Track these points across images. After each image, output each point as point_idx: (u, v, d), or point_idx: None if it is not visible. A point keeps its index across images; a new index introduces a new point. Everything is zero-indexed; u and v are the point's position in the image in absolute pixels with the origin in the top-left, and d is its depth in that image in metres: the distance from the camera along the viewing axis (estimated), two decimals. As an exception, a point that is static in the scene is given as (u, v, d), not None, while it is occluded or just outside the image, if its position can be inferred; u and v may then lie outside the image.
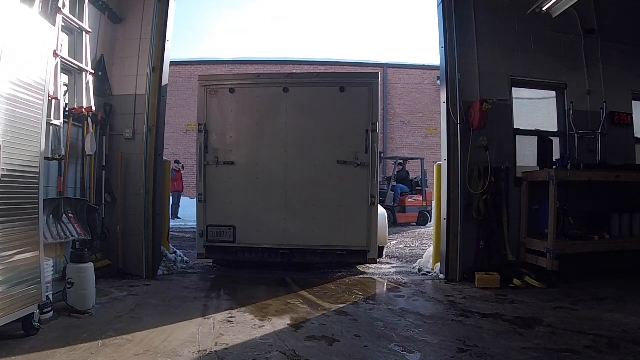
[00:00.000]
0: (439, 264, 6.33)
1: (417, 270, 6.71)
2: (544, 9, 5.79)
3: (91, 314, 4.29)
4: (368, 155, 6.54)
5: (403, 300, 5.09)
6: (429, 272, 6.47)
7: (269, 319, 4.27)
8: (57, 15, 4.41)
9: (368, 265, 6.96)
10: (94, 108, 5.12)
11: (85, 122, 5.11)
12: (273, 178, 6.76)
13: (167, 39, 6.31)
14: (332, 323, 4.17)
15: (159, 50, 6.18)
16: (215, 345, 3.59)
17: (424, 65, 20.79)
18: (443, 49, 6.31)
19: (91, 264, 4.45)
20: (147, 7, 6.22)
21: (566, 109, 6.52)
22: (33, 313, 3.67)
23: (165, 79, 6.26)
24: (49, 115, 4.09)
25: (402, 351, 3.52)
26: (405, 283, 5.94)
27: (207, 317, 4.35)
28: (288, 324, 4.13)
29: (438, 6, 6.48)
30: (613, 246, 5.98)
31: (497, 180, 6.01)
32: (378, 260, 7.06)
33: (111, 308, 4.54)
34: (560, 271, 5.53)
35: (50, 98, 3.99)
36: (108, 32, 5.98)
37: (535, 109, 6.78)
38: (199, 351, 3.45)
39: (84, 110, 4.90)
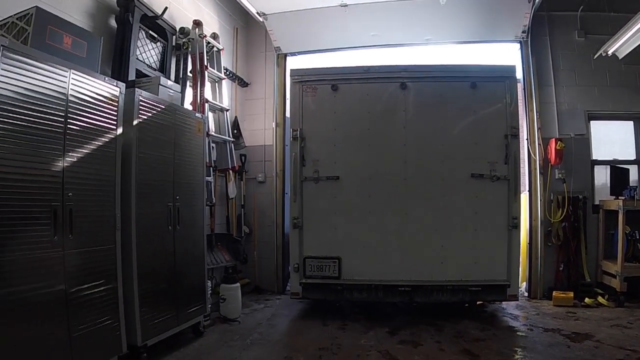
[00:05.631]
0: (525, 283, 7.23)
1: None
2: (609, 52, 6.50)
3: (239, 321, 5.84)
4: (508, 167, 5.73)
5: (485, 315, 6.13)
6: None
7: (373, 327, 5.57)
8: (205, 104, 6.08)
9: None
10: (236, 167, 6.85)
11: (227, 173, 6.79)
12: (390, 196, 5.85)
13: (286, 97, 7.63)
14: (421, 332, 5.39)
15: (280, 108, 7.81)
16: (332, 345, 5.02)
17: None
18: (523, 90, 7.19)
19: (238, 284, 6.09)
20: (268, 71, 7.95)
21: (643, 137, 7.11)
22: (200, 321, 5.30)
23: (287, 132, 7.41)
24: (207, 175, 5.79)
25: (466, 355, 4.63)
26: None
27: (326, 324, 5.76)
28: (386, 331, 5.42)
29: (519, 50, 7.32)
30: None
31: (575, 208, 6.95)
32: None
33: (253, 317, 6.15)
34: (633, 292, 6.25)
35: (207, 165, 5.62)
36: (239, 95, 7.75)
37: (613, 140, 7.34)
38: (319, 348, 4.90)
39: (229, 170, 6.59)
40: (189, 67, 5.98)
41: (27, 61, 3.27)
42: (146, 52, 5.35)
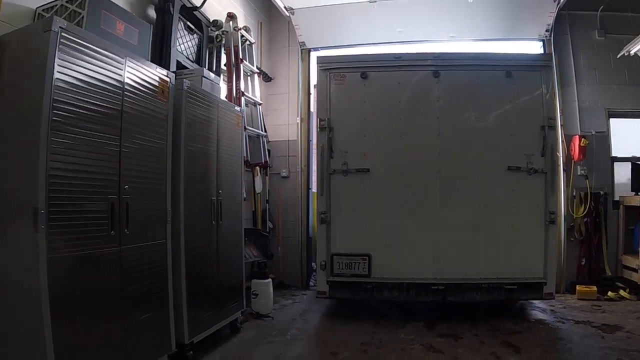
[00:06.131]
0: (548, 278, 7.06)
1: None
2: (631, 52, 6.36)
3: (272, 317, 5.56)
4: (545, 160, 5.37)
5: (515, 309, 5.90)
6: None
7: (408, 322, 5.32)
8: (242, 97, 5.80)
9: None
10: (268, 162, 6.51)
11: (253, 168, 6.50)
12: (423, 190, 5.41)
13: (311, 93, 7.43)
14: (456, 326, 5.16)
15: (305, 103, 7.53)
16: (372, 339, 4.79)
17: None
18: (546, 87, 6.99)
19: (270, 280, 5.78)
20: (291, 66, 7.63)
21: (662, 135, 7.00)
22: (237, 317, 5.03)
23: (312, 127, 7.36)
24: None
25: (508, 347, 4.50)
26: (518, 294, 6.74)
27: (360, 320, 5.45)
28: (422, 326, 5.19)
29: (541, 48, 7.15)
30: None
31: (596, 204, 6.84)
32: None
33: (284, 313, 5.89)
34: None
35: (244, 160, 5.33)
36: (262, 90, 7.37)
37: (632, 137, 7.20)
38: (361, 343, 4.67)
39: (261, 164, 6.28)
40: (222, 60, 5.69)
41: (86, 45, 2.98)
42: (184, 43, 5.05)
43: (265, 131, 7.03)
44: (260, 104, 6.39)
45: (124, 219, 3.28)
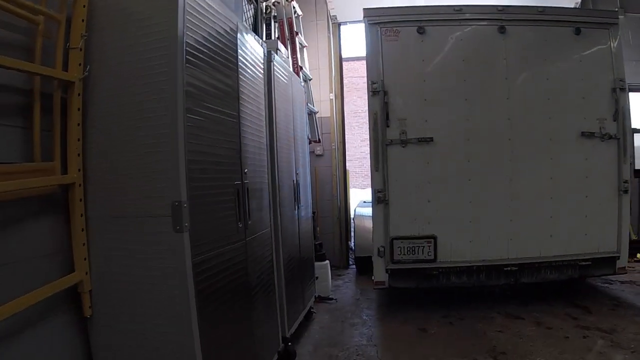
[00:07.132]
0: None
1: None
2: None
3: (336, 300, 5.11)
4: (617, 124, 4.68)
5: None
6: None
7: (472, 297, 4.89)
8: (300, 72, 5.22)
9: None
10: (321, 140, 5.92)
11: (295, 144, 5.89)
12: (492, 161, 4.58)
13: (343, 67, 6.87)
14: (519, 294, 4.88)
15: (338, 79, 6.88)
16: (450, 313, 4.48)
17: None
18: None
19: (328, 262, 5.28)
20: (320, 41, 6.77)
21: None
22: (311, 304, 4.57)
23: (345, 104, 6.86)
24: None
25: (577, 307, 4.43)
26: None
27: (423, 294, 4.97)
28: (489, 299, 4.82)
29: None
30: None
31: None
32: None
33: (343, 293, 5.44)
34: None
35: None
36: (292, 66, 6.69)
37: None
38: (442, 316, 4.39)
39: (316, 141, 5.70)
40: (273, 33, 5.07)
41: (208, 4, 2.35)
42: (244, 13, 4.40)
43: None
44: (311, 79, 5.79)
45: (246, 207, 2.72)
